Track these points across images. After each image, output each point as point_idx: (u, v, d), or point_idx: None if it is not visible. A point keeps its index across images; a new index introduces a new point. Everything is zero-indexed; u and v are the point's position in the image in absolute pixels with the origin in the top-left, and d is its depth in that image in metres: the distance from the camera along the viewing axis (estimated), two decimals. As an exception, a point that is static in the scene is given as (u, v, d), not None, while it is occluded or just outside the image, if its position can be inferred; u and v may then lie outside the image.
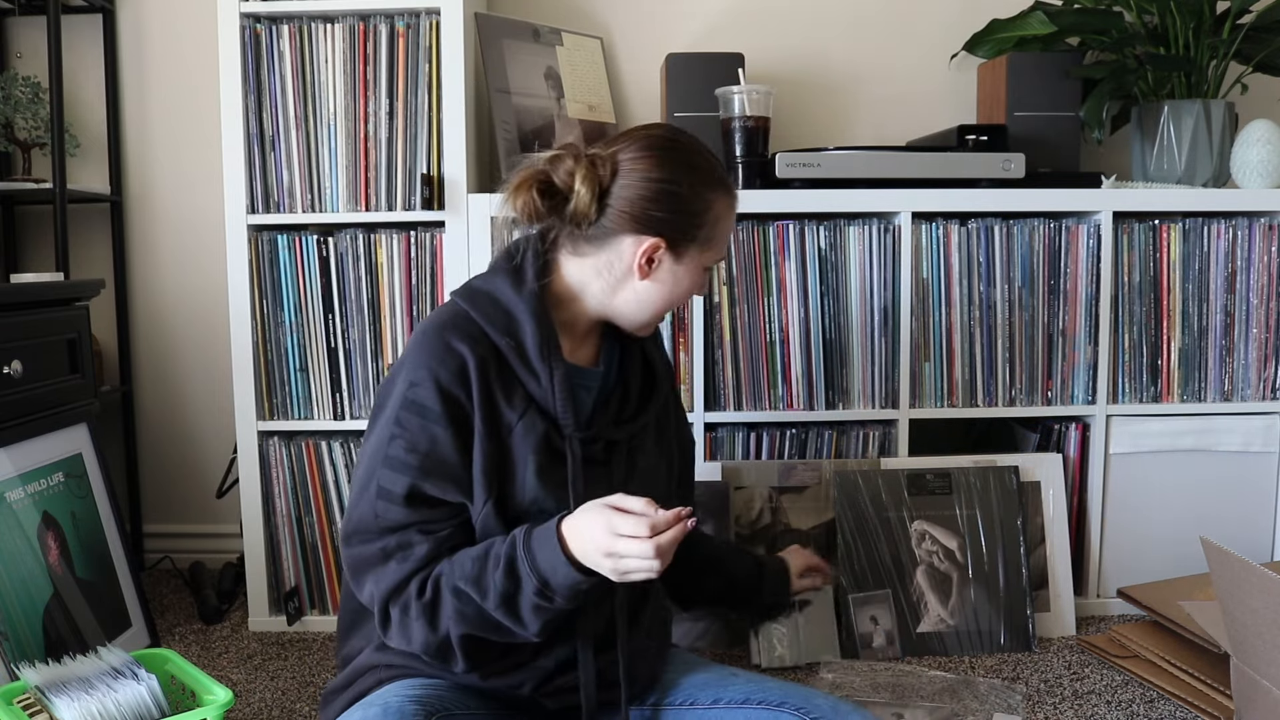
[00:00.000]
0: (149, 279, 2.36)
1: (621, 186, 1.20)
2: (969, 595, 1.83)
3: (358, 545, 1.17)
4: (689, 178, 1.22)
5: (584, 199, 1.19)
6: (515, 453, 1.18)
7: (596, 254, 1.23)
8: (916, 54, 2.31)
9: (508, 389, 1.18)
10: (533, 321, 1.20)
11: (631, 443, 1.28)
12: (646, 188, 1.20)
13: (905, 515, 1.86)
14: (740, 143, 1.92)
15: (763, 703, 1.20)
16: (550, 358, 1.20)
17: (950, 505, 1.87)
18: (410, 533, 1.15)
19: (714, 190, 1.24)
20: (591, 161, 1.20)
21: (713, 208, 1.24)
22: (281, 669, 1.81)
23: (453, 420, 1.15)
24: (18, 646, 1.59)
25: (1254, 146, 1.97)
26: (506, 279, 1.22)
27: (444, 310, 1.22)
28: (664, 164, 1.21)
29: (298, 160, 1.92)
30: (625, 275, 1.23)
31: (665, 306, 1.28)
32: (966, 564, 1.84)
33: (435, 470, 1.15)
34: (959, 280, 1.94)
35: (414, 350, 1.18)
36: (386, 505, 1.16)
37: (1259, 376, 1.97)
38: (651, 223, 1.21)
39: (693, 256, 1.24)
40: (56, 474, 1.80)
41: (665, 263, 1.23)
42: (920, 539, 1.84)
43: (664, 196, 1.20)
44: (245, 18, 1.90)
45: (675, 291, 1.26)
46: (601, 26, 2.31)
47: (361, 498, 1.17)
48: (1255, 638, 1.33)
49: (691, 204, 1.22)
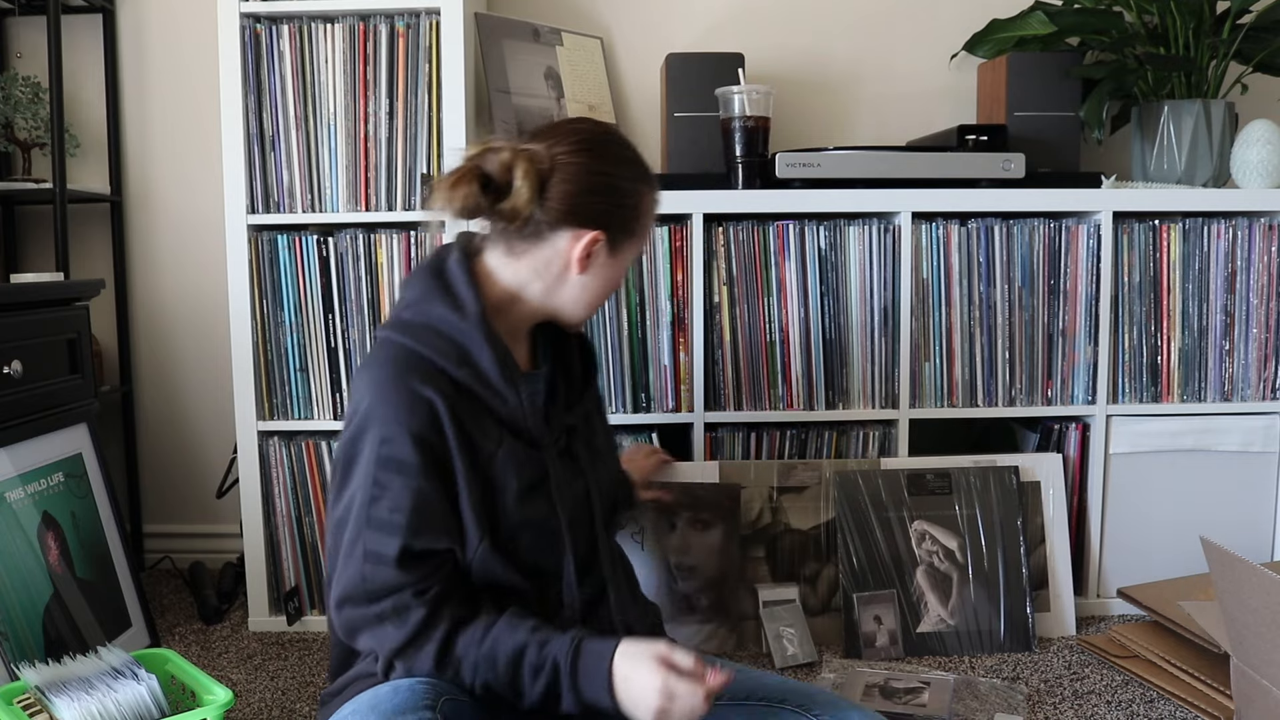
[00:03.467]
0: (149, 279, 2.36)
1: (559, 180, 1.18)
2: (969, 595, 1.83)
3: (349, 610, 1.14)
4: (626, 170, 1.23)
5: (524, 194, 1.16)
6: (498, 480, 1.17)
7: (534, 252, 1.21)
8: (916, 54, 2.31)
9: (478, 420, 1.17)
10: (487, 346, 1.17)
11: (585, 424, 1.31)
12: (586, 181, 1.19)
13: (905, 515, 1.86)
14: (740, 143, 1.92)
15: (764, 699, 1.21)
16: (513, 378, 1.19)
17: (950, 505, 1.87)
18: (404, 595, 1.12)
19: (646, 183, 1.25)
20: (529, 156, 1.18)
21: (644, 200, 1.25)
22: (281, 669, 1.81)
23: (434, 469, 1.13)
24: (18, 646, 1.59)
25: (1254, 146, 1.97)
26: (443, 304, 1.18)
27: (390, 352, 1.16)
28: (602, 157, 1.21)
29: (298, 160, 1.92)
30: (564, 271, 1.22)
31: (601, 299, 1.28)
32: (966, 564, 1.84)
33: (425, 525, 1.13)
34: (959, 280, 1.94)
35: (377, 404, 1.13)
36: (375, 568, 1.12)
37: (1259, 376, 1.97)
38: (591, 216, 1.20)
39: (626, 249, 1.25)
40: (56, 474, 1.80)
41: (602, 256, 1.22)
42: (920, 539, 1.84)
43: (604, 189, 1.20)
44: (245, 18, 1.90)
45: (610, 284, 1.26)
46: (601, 26, 2.31)
47: (348, 562, 1.13)
48: (1255, 638, 1.33)
49: (629, 197, 1.23)
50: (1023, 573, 1.84)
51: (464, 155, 1.19)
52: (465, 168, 1.18)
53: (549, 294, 1.23)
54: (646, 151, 2.08)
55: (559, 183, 1.18)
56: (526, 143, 1.21)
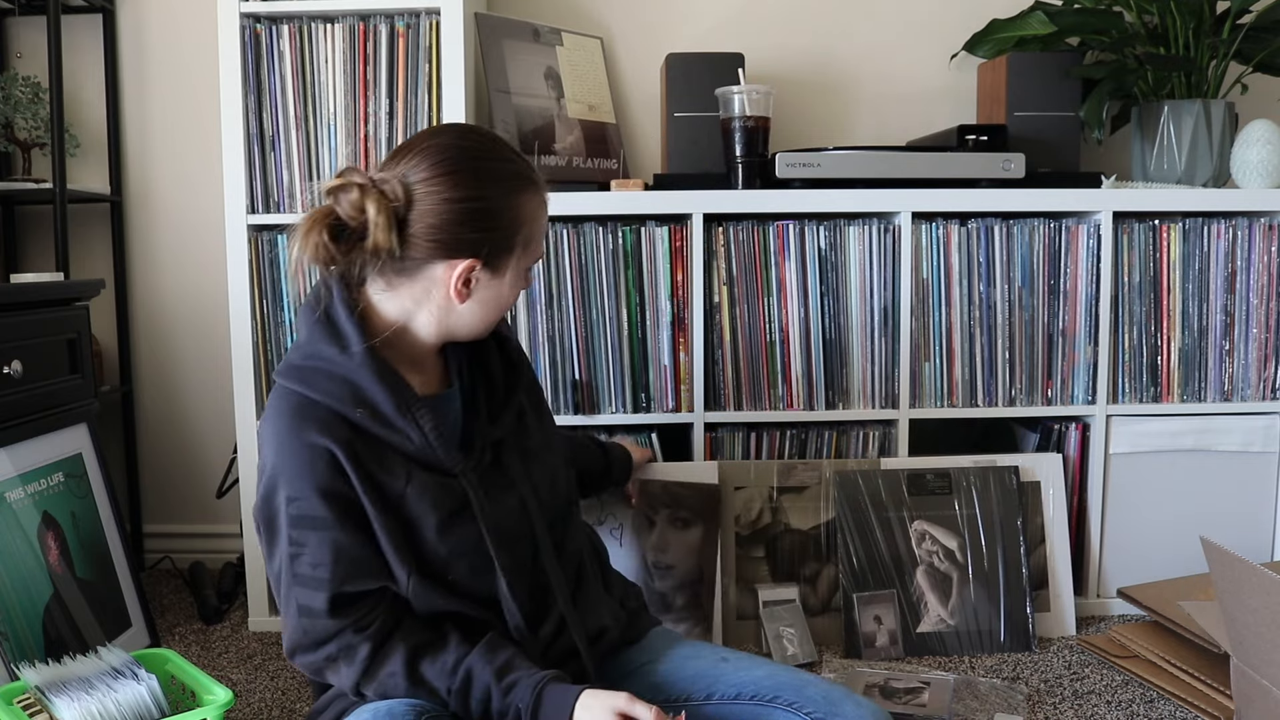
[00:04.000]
0: (149, 279, 2.36)
1: (421, 213, 1.10)
2: (969, 595, 1.83)
3: (300, 658, 1.16)
4: (493, 189, 1.13)
5: (381, 233, 1.08)
6: (414, 517, 1.15)
7: (410, 285, 1.14)
8: (916, 54, 2.31)
9: (382, 459, 1.13)
10: (377, 382, 1.12)
11: (516, 429, 1.26)
12: (449, 211, 1.10)
13: (905, 515, 1.86)
14: (740, 143, 1.92)
15: (755, 697, 1.19)
16: (411, 410, 1.14)
17: (950, 505, 1.87)
18: (345, 636, 1.13)
19: (522, 193, 1.15)
20: (380, 191, 1.09)
21: (524, 211, 1.15)
22: (281, 669, 1.81)
23: (346, 518, 1.11)
24: (18, 646, 1.59)
25: (1254, 146, 1.97)
26: (328, 343, 1.13)
27: (283, 402, 1.13)
28: (462, 181, 1.11)
29: (298, 160, 1.92)
30: (446, 300, 1.15)
31: (497, 316, 1.21)
32: (966, 564, 1.84)
33: (350, 573, 1.12)
34: (959, 280, 1.94)
35: (280, 462, 1.11)
36: (311, 621, 1.13)
37: (1259, 376, 1.97)
38: (462, 245, 1.12)
39: (512, 265, 1.17)
40: (56, 474, 1.79)
41: (483, 280, 1.15)
42: (920, 539, 1.84)
43: (470, 216, 1.11)
44: (245, 18, 1.90)
45: (502, 302, 1.19)
46: (601, 26, 2.31)
47: (286, 616, 1.15)
48: (1255, 638, 1.33)
49: (501, 216, 1.13)
50: (1023, 573, 1.84)
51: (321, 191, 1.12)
52: (315, 215, 1.10)
53: (438, 321, 1.17)
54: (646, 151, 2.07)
55: (419, 216, 1.10)
56: (385, 167, 1.13)
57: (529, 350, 1.91)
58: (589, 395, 1.92)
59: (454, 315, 1.17)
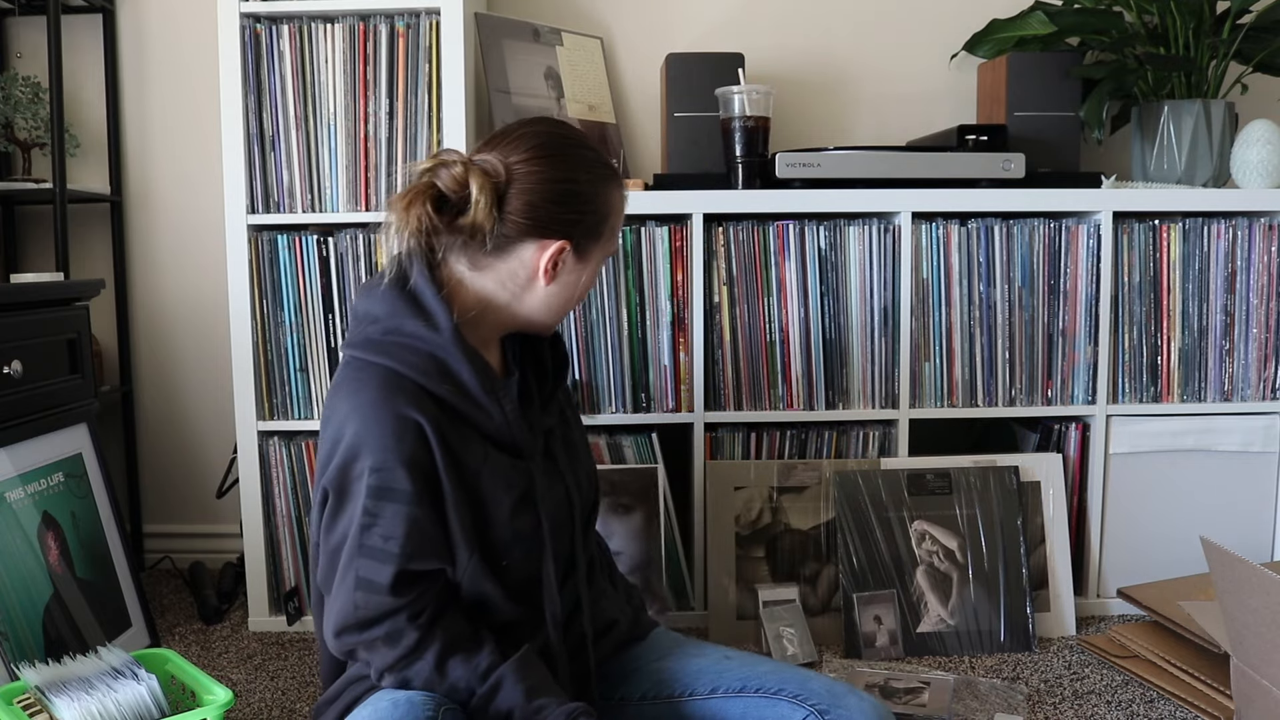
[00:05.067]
0: (149, 279, 2.36)
1: (519, 191, 1.14)
2: (969, 595, 1.83)
3: (346, 637, 1.14)
4: (586, 175, 1.17)
5: (483, 209, 1.12)
6: (487, 497, 1.16)
7: (497, 265, 1.17)
8: (916, 54, 2.31)
9: (463, 437, 1.14)
10: (464, 360, 1.14)
11: (560, 421, 1.29)
12: (547, 190, 1.14)
13: (905, 515, 1.86)
14: (740, 143, 1.92)
15: (760, 690, 1.20)
16: (495, 390, 1.16)
17: (950, 505, 1.87)
18: (398, 620, 1.12)
19: (610, 184, 1.20)
20: (482, 169, 1.14)
21: (611, 200, 1.20)
22: (281, 669, 1.81)
23: (425, 493, 1.12)
24: (18, 646, 1.59)
25: (1254, 146, 1.97)
26: (413, 319, 1.14)
27: (368, 374, 1.13)
28: (560, 164, 1.16)
29: (298, 160, 1.92)
30: (529, 282, 1.18)
31: (571, 305, 1.24)
32: (966, 564, 1.84)
33: (418, 550, 1.12)
34: (959, 280, 1.94)
35: (365, 431, 1.10)
36: (367, 596, 1.11)
37: (1259, 376, 1.97)
38: (555, 226, 1.16)
39: (593, 254, 1.21)
40: (56, 474, 1.79)
41: (569, 263, 1.19)
42: (920, 539, 1.84)
43: (569, 198, 1.15)
44: (245, 18, 1.90)
45: (579, 290, 1.23)
46: (601, 26, 2.31)
47: (339, 590, 1.13)
48: (1255, 638, 1.33)
49: (594, 201, 1.18)
50: (1023, 573, 1.84)
51: (416, 171, 1.15)
52: (418, 186, 1.13)
53: (516, 304, 1.20)
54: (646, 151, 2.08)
55: (518, 194, 1.14)
56: (480, 151, 1.17)
57: (529, 350, 1.91)
58: (589, 395, 1.93)
59: (533, 299, 1.19)
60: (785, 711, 1.17)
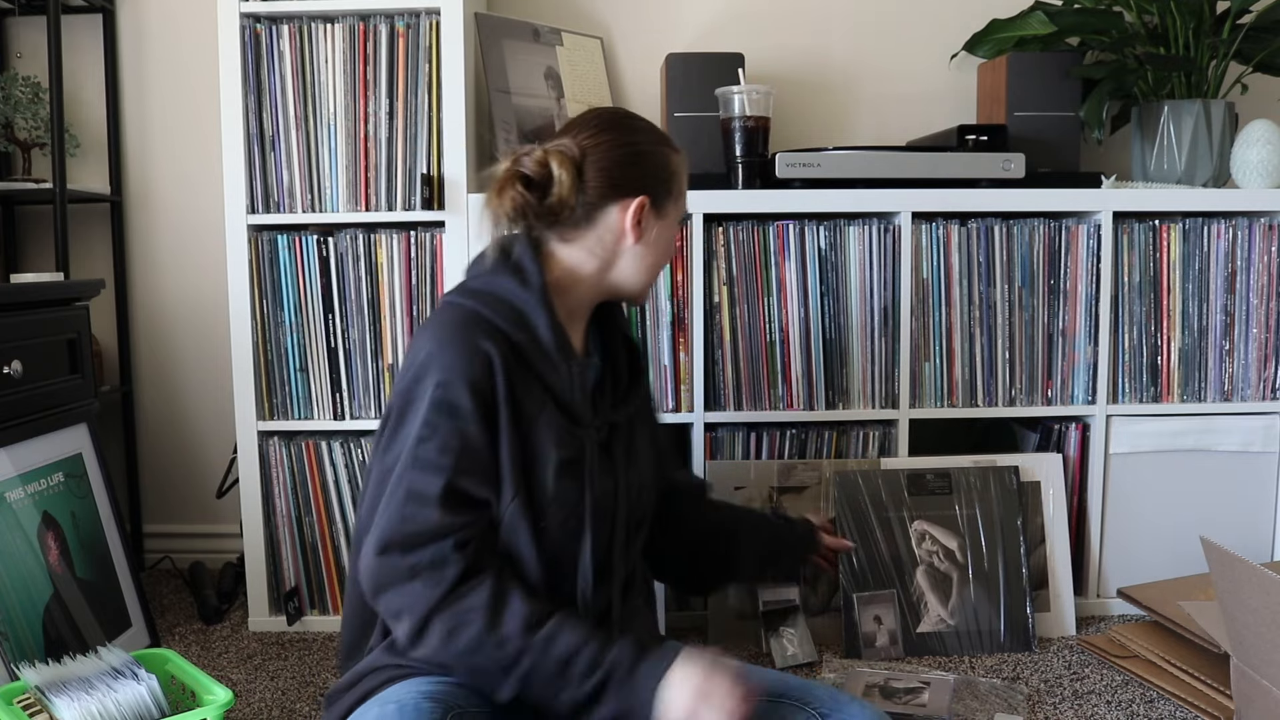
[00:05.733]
0: (149, 279, 2.36)
1: (593, 161, 1.26)
2: (969, 595, 1.83)
3: (388, 559, 1.13)
4: (649, 138, 1.31)
5: (566, 182, 1.24)
6: (537, 447, 1.20)
7: (586, 233, 1.27)
8: (916, 54, 2.31)
9: (526, 383, 1.21)
10: (545, 316, 1.22)
11: (626, 427, 1.32)
12: (619, 154, 1.27)
13: (905, 515, 1.86)
14: (740, 143, 1.92)
15: (764, 695, 1.21)
16: (565, 348, 1.24)
17: (950, 505, 1.87)
18: (443, 546, 1.13)
19: (669, 146, 1.33)
20: (559, 149, 1.25)
21: (673, 162, 1.32)
22: (281, 669, 1.81)
23: (484, 417, 1.17)
24: (18, 646, 1.59)
25: (1254, 146, 1.97)
26: (509, 277, 1.24)
27: (452, 311, 1.22)
28: (623, 132, 1.29)
29: (298, 160, 1.92)
30: (618, 243, 1.28)
31: (659, 267, 1.34)
32: (966, 564, 1.84)
33: (469, 467, 1.16)
34: (959, 280, 1.94)
35: (437, 352, 1.18)
36: (417, 509, 1.14)
37: (1259, 376, 1.97)
38: (631, 184, 1.27)
39: (669, 212, 1.32)
40: (56, 474, 1.80)
41: (651, 220, 1.29)
42: (920, 539, 1.84)
43: (636, 158, 1.28)
44: (245, 18, 1.90)
45: (663, 250, 1.33)
46: (601, 26, 2.31)
47: (389, 504, 1.15)
48: (1255, 638, 1.33)
49: (659, 160, 1.30)
50: (1023, 573, 1.84)
51: (499, 167, 1.27)
52: (506, 173, 1.25)
53: (607, 269, 1.29)
54: None
55: (592, 163, 1.26)
56: (553, 140, 1.28)
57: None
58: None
59: (625, 261, 1.29)
60: (787, 714, 1.19)
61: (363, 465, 1.93)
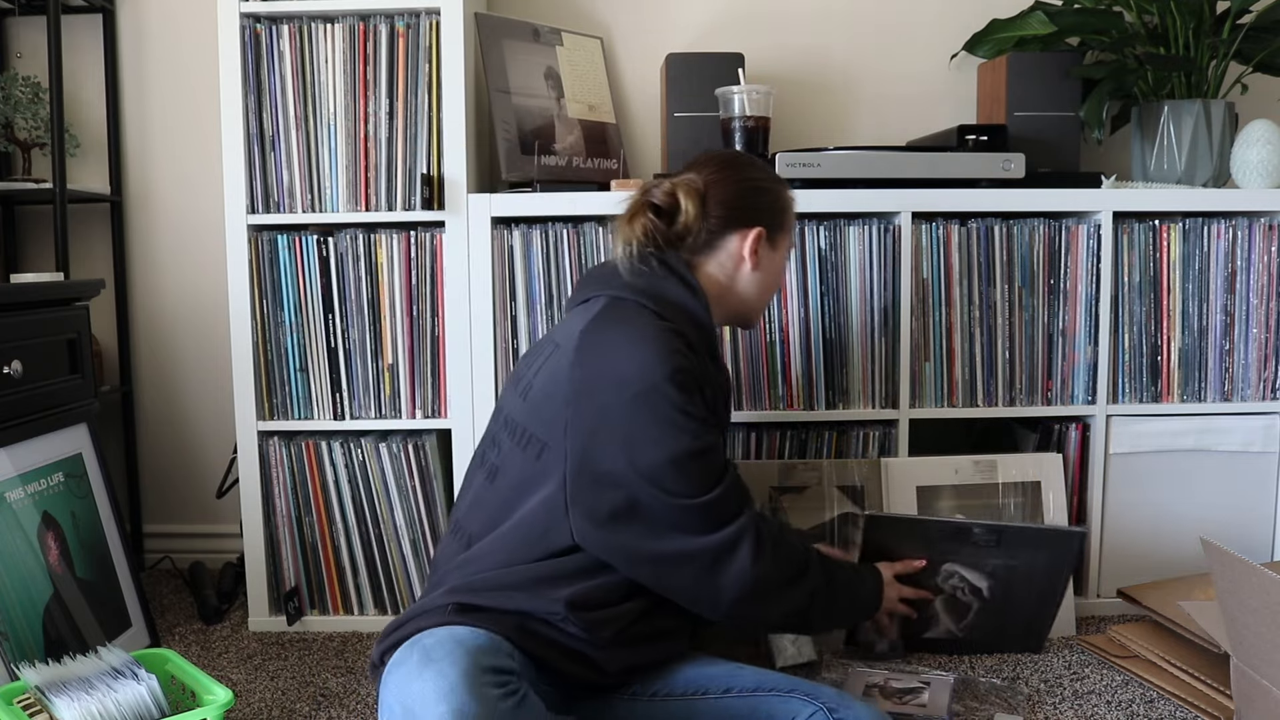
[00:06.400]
0: (149, 279, 2.36)
1: (715, 193, 1.43)
2: (986, 622, 1.77)
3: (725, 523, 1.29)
4: (762, 175, 1.48)
5: (692, 211, 1.41)
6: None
7: (708, 257, 1.44)
8: (916, 54, 2.31)
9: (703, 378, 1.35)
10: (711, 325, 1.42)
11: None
12: (740, 187, 1.44)
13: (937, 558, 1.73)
14: (740, 143, 1.92)
15: (774, 690, 1.29)
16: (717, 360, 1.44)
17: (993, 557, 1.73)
18: (737, 484, 1.33)
19: (781, 184, 1.51)
20: (686, 182, 1.43)
21: (785, 199, 1.50)
22: (281, 669, 1.81)
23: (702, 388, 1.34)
24: (18, 646, 1.59)
25: (1254, 146, 1.97)
26: (676, 285, 1.39)
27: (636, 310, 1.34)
28: (742, 168, 1.46)
29: (298, 160, 1.92)
30: (736, 268, 1.45)
31: (770, 292, 1.51)
32: (991, 601, 1.76)
33: (716, 425, 1.38)
34: (959, 280, 1.94)
35: (647, 348, 1.28)
36: (710, 462, 1.29)
37: (1259, 376, 1.97)
38: (750, 215, 1.44)
39: (781, 241, 1.49)
40: (56, 474, 1.80)
41: (766, 250, 1.46)
42: (948, 577, 1.75)
43: (755, 192, 1.45)
44: (245, 18, 1.90)
45: (774, 277, 1.50)
46: (601, 26, 2.31)
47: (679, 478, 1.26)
48: (1255, 638, 1.33)
49: (774, 196, 1.48)
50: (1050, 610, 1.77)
51: (630, 195, 1.45)
52: (635, 204, 1.43)
53: (729, 290, 1.46)
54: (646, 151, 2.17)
55: (715, 195, 1.43)
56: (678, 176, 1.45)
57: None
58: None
59: (740, 284, 1.46)
60: (796, 707, 1.26)
61: (363, 465, 1.93)
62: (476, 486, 1.40)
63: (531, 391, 1.34)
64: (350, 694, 1.70)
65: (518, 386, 1.39)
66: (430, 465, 1.93)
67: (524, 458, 1.32)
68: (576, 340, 1.31)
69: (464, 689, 1.07)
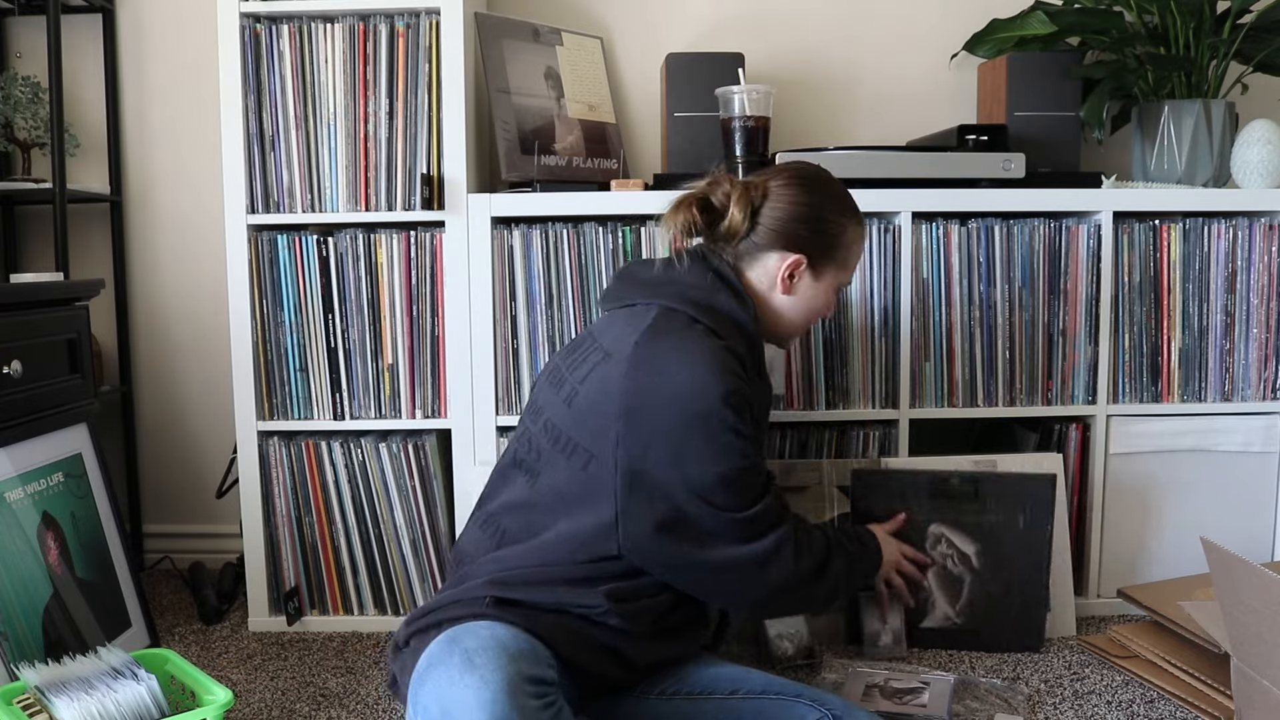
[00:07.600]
0: (149, 279, 2.36)
1: (771, 208, 1.39)
2: (980, 598, 1.81)
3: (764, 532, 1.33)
4: (831, 204, 1.41)
5: (737, 217, 1.38)
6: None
7: (752, 263, 1.42)
8: (916, 54, 2.31)
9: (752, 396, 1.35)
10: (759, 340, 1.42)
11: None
12: (794, 209, 1.39)
13: (922, 517, 1.81)
14: (740, 143, 1.92)
15: (780, 693, 1.30)
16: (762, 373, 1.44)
17: (975, 512, 1.82)
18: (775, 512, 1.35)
19: (851, 218, 1.44)
20: (746, 186, 1.40)
21: (848, 232, 1.43)
22: (281, 669, 1.81)
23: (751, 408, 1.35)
24: (18, 646, 1.59)
25: (1254, 146, 1.97)
26: (728, 295, 1.38)
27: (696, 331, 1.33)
28: (810, 190, 1.40)
29: (298, 160, 1.92)
30: (771, 288, 1.42)
31: (803, 322, 1.46)
32: (981, 569, 1.82)
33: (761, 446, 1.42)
34: (959, 280, 1.94)
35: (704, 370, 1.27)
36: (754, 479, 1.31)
37: (1259, 376, 1.97)
38: (796, 240, 1.40)
39: (828, 276, 1.44)
40: (56, 474, 1.80)
41: (805, 279, 1.42)
42: (936, 541, 1.82)
43: (808, 218, 1.40)
44: (245, 18, 1.90)
45: (812, 307, 1.45)
46: (601, 26, 2.31)
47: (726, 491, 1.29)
48: (1255, 638, 1.33)
49: (831, 227, 1.41)
50: (1042, 580, 1.79)
51: (696, 186, 1.42)
52: (688, 196, 1.40)
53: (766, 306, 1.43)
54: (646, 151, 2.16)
55: (770, 209, 1.40)
56: (753, 177, 1.43)
57: (530, 349, 1.91)
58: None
59: (775, 302, 1.44)
60: (802, 711, 1.28)
61: (363, 465, 1.93)
62: (516, 485, 1.39)
63: (577, 399, 1.33)
64: (350, 694, 1.70)
65: (560, 390, 1.37)
66: (430, 465, 1.93)
67: (568, 465, 1.32)
68: (630, 352, 1.31)
69: (506, 699, 1.09)
